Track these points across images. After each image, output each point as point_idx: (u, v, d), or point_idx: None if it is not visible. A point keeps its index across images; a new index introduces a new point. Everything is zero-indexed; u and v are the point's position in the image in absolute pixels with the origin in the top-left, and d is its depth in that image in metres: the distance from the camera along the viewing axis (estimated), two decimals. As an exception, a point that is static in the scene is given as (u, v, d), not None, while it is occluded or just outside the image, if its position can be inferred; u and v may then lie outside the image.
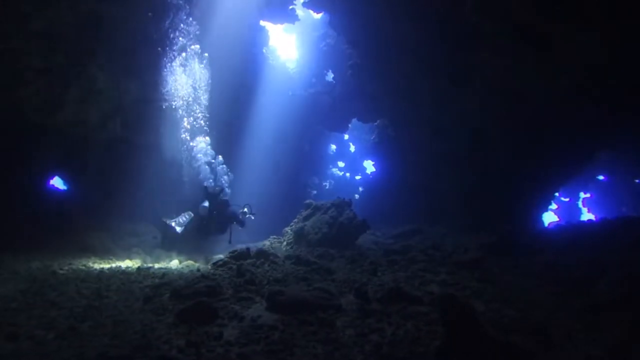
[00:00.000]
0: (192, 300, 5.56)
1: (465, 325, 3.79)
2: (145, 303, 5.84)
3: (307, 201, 13.00)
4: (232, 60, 14.27)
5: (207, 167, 12.48)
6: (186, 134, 12.62)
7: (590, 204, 22.12)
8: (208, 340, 4.63)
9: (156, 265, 8.48)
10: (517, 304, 5.85)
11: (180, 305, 5.54)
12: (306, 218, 12.09)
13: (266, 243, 12.14)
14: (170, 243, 11.73)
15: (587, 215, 22.35)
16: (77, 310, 5.56)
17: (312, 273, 7.38)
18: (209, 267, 8.03)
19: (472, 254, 8.75)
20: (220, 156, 12.93)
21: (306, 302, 5.44)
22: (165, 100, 12.20)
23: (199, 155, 12.42)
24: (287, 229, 12.65)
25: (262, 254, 8.49)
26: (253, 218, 13.32)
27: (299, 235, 11.46)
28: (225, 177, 12.80)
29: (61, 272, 7.71)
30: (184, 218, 11.69)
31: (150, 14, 11.31)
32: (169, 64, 12.30)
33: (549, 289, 6.73)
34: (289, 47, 22.27)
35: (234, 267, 7.45)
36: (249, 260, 7.86)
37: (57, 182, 12.67)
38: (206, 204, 11.24)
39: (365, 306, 5.58)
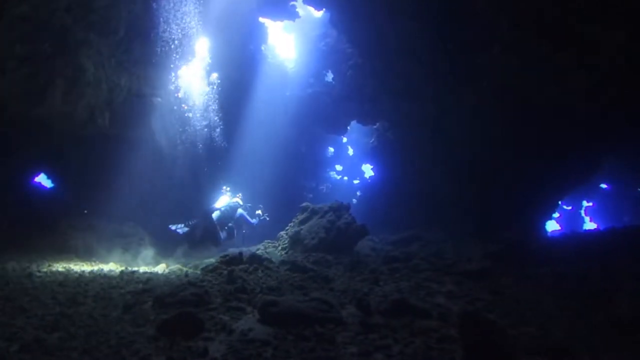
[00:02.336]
0: (176, 310, 5.04)
1: (490, 347, 3.29)
2: (125, 312, 5.30)
3: (304, 204, 12.47)
4: (229, 56, 13.77)
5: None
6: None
7: (592, 213, 21.76)
8: (191, 356, 4.10)
9: (141, 269, 7.93)
10: (534, 319, 5.36)
11: (162, 315, 5.01)
12: (302, 222, 11.56)
13: (260, 247, 11.59)
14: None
15: (589, 224, 22.04)
16: (49, 318, 5.01)
17: (309, 281, 6.87)
18: (198, 272, 7.49)
19: (477, 263, 8.26)
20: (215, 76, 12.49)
21: (303, 314, 4.91)
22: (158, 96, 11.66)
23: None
24: (283, 233, 12.11)
25: (255, 259, 7.96)
26: (268, 219, 13.23)
27: (295, 239, 10.93)
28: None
29: (38, 274, 7.14)
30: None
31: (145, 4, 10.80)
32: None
33: (564, 302, 6.24)
34: (288, 46, 21.83)
35: (225, 272, 6.93)
36: (241, 266, 7.33)
37: (42, 180, 12.12)
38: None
39: (368, 319, 5.07)
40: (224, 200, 12.73)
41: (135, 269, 7.99)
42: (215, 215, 12.16)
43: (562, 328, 5.10)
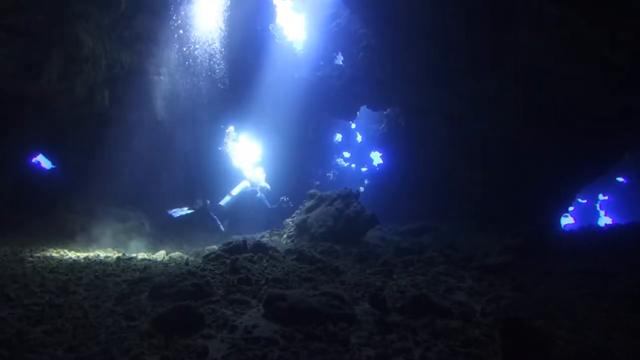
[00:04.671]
0: (174, 302, 4.61)
1: (534, 357, 2.81)
2: (118, 302, 4.86)
3: (311, 191, 12.00)
4: (234, 34, 13.15)
5: None
6: None
7: (607, 207, 21.10)
8: (189, 356, 3.66)
9: (139, 256, 7.51)
10: (565, 321, 4.87)
11: (159, 308, 4.57)
12: (309, 209, 11.10)
13: (264, 235, 11.17)
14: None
15: (604, 219, 21.36)
16: (35, 308, 4.58)
17: (318, 272, 6.42)
18: (200, 260, 7.06)
19: (497, 258, 7.77)
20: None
21: (313, 311, 4.45)
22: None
23: None
24: (289, 220, 11.67)
25: (260, 247, 7.53)
26: (292, 205, 13.33)
27: (301, 228, 10.49)
28: None
29: (30, 259, 6.74)
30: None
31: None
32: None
33: (594, 302, 5.75)
34: (297, 26, 20.97)
35: (227, 261, 6.50)
36: (245, 255, 6.88)
37: (40, 160, 11.71)
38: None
39: (384, 318, 4.61)
40: (243, 185, 13.09)
41: (133, 255, 7.59)
42: (227, 200, 12.45)
43: (597, 332, 4.62)
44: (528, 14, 7.98)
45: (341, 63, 18.46)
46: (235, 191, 13.24)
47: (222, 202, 12.91)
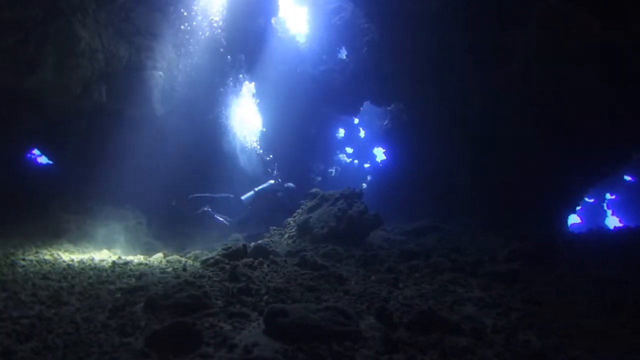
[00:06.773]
0: (170, 316, 4.41)
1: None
2: (112, 315, 4.64)
3: (313, 190, 11.74)
4: (236, 29, 12.81)
5: None
6: None
7: (614, 206, 20.77)
8: (185, 380, 3.44)
9: (135, 260, 7.26)
10: (581, 339, 4.63)
11: (154, 323, 4.35)
12: (311, 209, 10.85)
13: (265, 235, 10.94)
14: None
15: (611, 218, 21.03)
16: (24, 322, 4.36)
17: (321, 280, 6.18)
18: (198, 265, 6.83)
19: (505, 264, 7.53)
20: None
21: (317, 328, 4.21)
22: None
23: None
24: (290, 220, 11.43)
25: (260, 251, 7.30)
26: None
27: (303, 228, 10.24)
28: None
29: (22, 263, 6.51)
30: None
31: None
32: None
33: (611, 316, 5.49)
34: (300, 20, 20.53)
35: (227, 267, 6.28)
36: (244, 260, 6.65)
37: (35, 155, 11.48)
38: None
39: (391, 334, 4.37)
40: (268, 183, 13.63)
41: (130, 258, 7.35)
42: (248, 195, 13.45)
43: (617, 353, 4.37)
44: (538, 11, 7.65)
45: (345, 57, 18.09)
46: (258, 188, 13.88)
47: (244, 197, 13.49)
